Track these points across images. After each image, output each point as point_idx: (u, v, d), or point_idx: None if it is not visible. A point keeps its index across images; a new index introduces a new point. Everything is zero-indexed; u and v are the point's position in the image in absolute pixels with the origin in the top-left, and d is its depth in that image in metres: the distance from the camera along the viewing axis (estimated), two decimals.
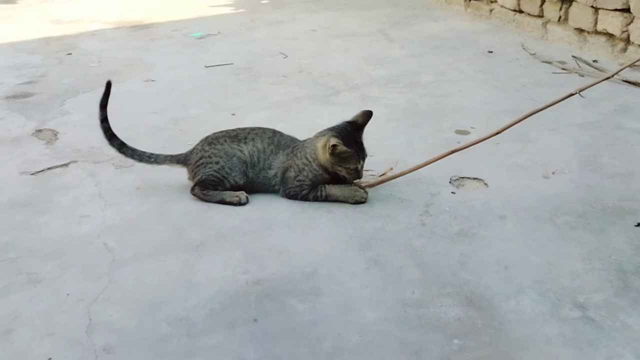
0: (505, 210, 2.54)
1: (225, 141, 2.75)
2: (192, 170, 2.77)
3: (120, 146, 2.82)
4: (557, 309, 1.96)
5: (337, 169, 2.64)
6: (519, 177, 2.81)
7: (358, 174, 2.66)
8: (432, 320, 1.95)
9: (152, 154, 2.84)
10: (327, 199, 2.66)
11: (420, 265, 2.21)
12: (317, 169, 2.67)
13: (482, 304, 2.01)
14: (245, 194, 2.69)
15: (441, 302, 2.02)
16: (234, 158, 2.71)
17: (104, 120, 2.83)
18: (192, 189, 2.75)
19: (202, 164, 2.73)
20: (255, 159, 2.73)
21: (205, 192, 2.72)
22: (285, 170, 2.71)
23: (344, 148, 2.57)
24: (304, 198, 2.68)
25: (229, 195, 2.69)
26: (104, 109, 2.83)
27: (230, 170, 2.70)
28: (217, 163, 2.70)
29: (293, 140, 2.82)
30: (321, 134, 2.70)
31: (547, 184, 2.73)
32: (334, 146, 2.57)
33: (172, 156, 2.84)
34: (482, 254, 2.26)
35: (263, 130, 2.82)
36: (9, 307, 2.07)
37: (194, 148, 2.81)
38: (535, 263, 2.19)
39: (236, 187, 2.73)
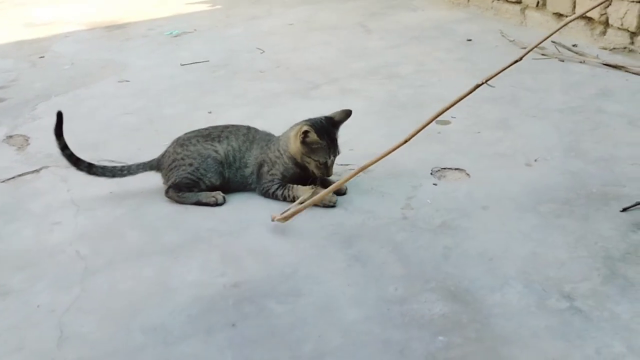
0: (488, 201, 2.48)
1: (198, 141, 2.66)
2: (166, 174, 2.68)
3: (89, 168, 2.71)
4: (543, 300, 1.91)
5: (307, 160, 2.56)
6: (500, 166, 2.76)
7: (327, 170, 2.58)
8: (415, 317, 1.89)
9: (123, 166, 2.74)
10: (294, 199, 2.53)
11: (403, 261, 2.15)
12: (287, 161, 2.60)
13: (467, 298, 1.95)
14: (222, 194, 2.62)
15: (425, 297, 1.97)
16: (209, 159, 2.63)
17: (64, 147, 2.69)
18: (167, 192, 2.67)
19: (175, 166, 2.64)
20: (231, 158, 2.66)
21: (180, 194, 2.64)
22: (260, 165, 2.64)
23: (315, 137, 2.51)
24: (274, 195, 2.60)
25: (205, 195, 2.61)
26: (60, 138, 2.69)
27: (206, 171, 2.63)
28: (190, 165, 2.62)
29: (268, 135, 2.75)
30: (296, 124, 2.63)
31: (530, 172, 2.69)
32: (305, 132, 2.50)
33: (144, 164, 2.74)
34: (465, 246, 2.20)
35: (237, 127, 2.74)
36: None
37: (165, 151, 2.72)
38: (520, 253, 2.14)
39: (212, 188, 2.65)
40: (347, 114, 2.65)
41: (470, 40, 4.55)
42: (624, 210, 2.32)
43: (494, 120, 3.22)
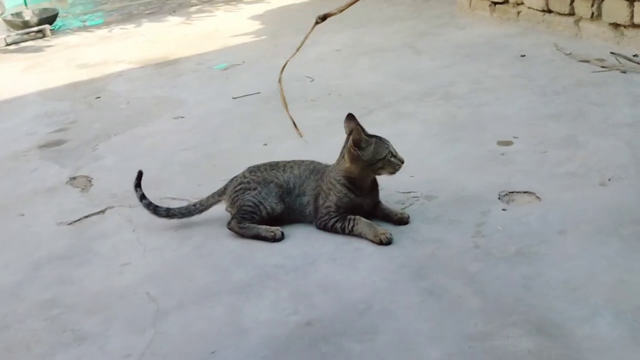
0: (565, 225, 2.38)
1: (265, 169, 2.75)
2: (230, 197, 2.74)
3: (167, 212, 2.81)
4: (637, 331, 1.80)
5: (375, 168, 2.53)
6: (573, 186, 2.65)
7: (397, 158, 2.55)
8: (500, 354, 1.80)
9: (195, 203, 2.83)
10: (353, 231, 2.50)
11: (480, 293, 2.07)
12: (340, 189, 2.56)
13: (553, 331, 1.85)
14: (280, 229, 2.60)
15: (508, 332, 1.88)
16: (271, 184, 2.69)
17: (142, 197, 2.84)
18: (229, 223, 2.68)
19: (241, 189, 2.71)
20: (291, 185, 2.69)
21: (241, 225, 2.64)
22: (316, 197, 2.63)
23: (364, 135, 2.53)
24: (333, 228, 2.56)
25: (265, 230, 2.60)
26: (138, 188, 2.85)
27: (267, 195, 2.66)
28: (254, 189, 2.68)
29: (328, 166, 2.73)
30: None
31: (606, 192, 2.56)
32: (354, 139, 2.51)
33: (213, 194, 2.82)
34: (546, 275, 2.11)
35: (303, 160, 2.81)
36: None
37: (234, 177, 2.80)
38: (606, 281, 2.03)
39: (273, 217, 2.66)
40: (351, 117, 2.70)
41: (524, 55, 4.44)
42: None
43: (561, 138, 3.10)
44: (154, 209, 2.80)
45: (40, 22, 8.59)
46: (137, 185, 2.85)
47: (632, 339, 1.78)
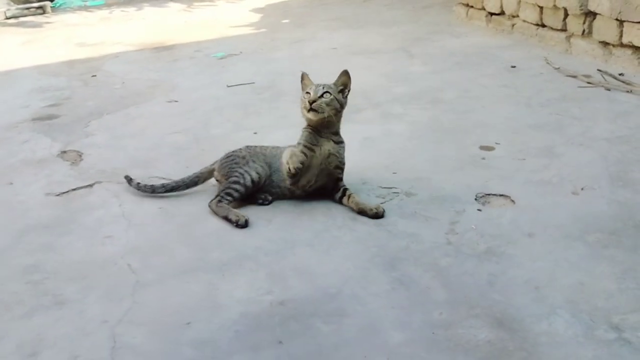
0: (534, 228, 2.48)
1: (260, 148, 3.01)
2: (222, 162, 2.93)
3: (164, 187, 2.97)
4: (591, 330, 1.90)
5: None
6: (546, 193, 2.75)
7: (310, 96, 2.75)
8: (461, 342, 1.89)
9: (194, 174, 3.01)
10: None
11: (447, 286, 2.16)
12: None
13: (513, 325, 1.95)
14: (246, 217, 2.67)
15: (470, 323, 1.97)
16: (260, 155, 2.92)
17: (138, 185, 3.00)
18: (211, 201, 2.78)
19: (232, 157, 2.93)
20: (270, 159, 2.91)
21: (219, 204, 2.75)
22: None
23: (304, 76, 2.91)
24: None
25: (234, 214, 2.69)
26: (132, 181, 3.02)
27: (254, 163, 2.86)
28: (244, 157, 2.89)
29: None
30: None
31: (577, 201, 2.67)
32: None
33: (211, 165, 3.02)
34: (511, 274, 2.20)
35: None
36: (35, 330, 2.07)
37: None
38: (567, 283, 2.13)
39: (259, 185, 2.82)
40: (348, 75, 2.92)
41: (514, 67, 4.55)
42: None
43: (540, 147, 3.21)
44: (152, 190, 2.96)
45: None
46: (129, 180, 3.03)
47: (585, 337, 1.87)
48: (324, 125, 2.77)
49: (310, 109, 2.72)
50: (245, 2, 8.22)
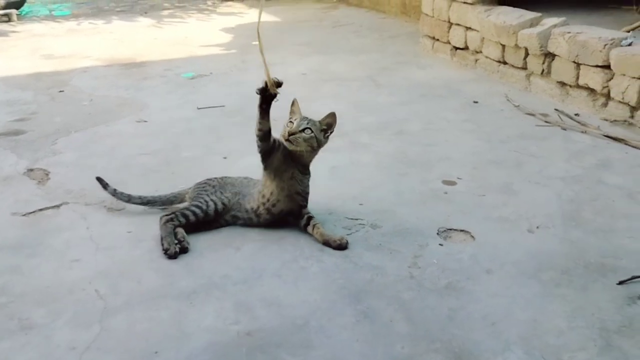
0: (492, 264, 2.60)
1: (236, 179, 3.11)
2: (195, 186, 3.05)
3: (140, 199, 3.06)
4: None
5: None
6: (504, 230, 2.89)
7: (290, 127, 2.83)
8: None
9: (171, 194, 3.11)
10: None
11: (410, 320, 2.26)
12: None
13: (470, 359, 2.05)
14: (177, 248, 2.69)
15: (430, 357, 2.06)
16: (228, 185, 3.03)
17: (114, 191, 3.08)
18: (164, 215, 2.85)
19: (203, 185, 3.03)
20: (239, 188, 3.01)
21: (166, 223, 2.80)
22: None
23: (293, 104, 2.98)
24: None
25: (169, 241, 2.72)
26: (108, 187, 3.10)
27: (221, 193, 2.96)
28: (213, 187, 3.00)
29: None
30: None
31: (532, 239, 2.81)
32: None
33: (184, 190, 3.11)
34: (469, 309, 2.31)
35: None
36: (1, 355, 2.07)
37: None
38: (522, 319, 2.25)
39: (219, 212, 2.89)
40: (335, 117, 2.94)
41: (476, 102, 4.73)
42: (621, 283, 2.43)
43: (499, 184, 3.36)
44: (128, 198, 3.04)
45: (7, 6, 8.52)
46: (105, 185, 3.10)
47: None
48: (296, 156, 2.85)
49: (288, 139, 2.78)
50: (216, 21, 8.29)
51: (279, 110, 2.92)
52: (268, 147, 2.79)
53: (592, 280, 2.47)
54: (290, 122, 2.85)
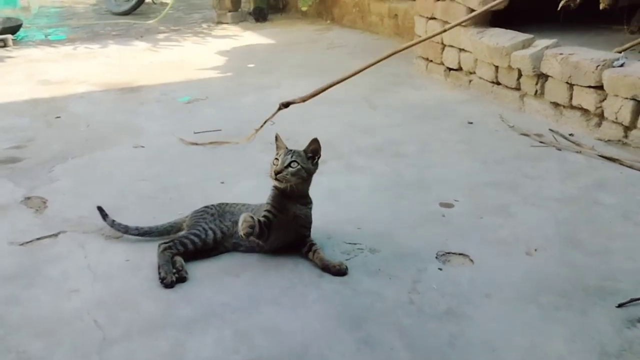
0: (491, 289, 2.60)
1: (232, 205, 3.10)
2: (192, 214, 3.04)
3: (137, 230, 3.05)
4: None
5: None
6: (502, 253, 2.89)
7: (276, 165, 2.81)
8: None
9: (167, 223, 3.09)
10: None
11: (410, 347, 2.25)
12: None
13: None
14: (174, 277, 2.68)
15: None
16: (227, 213, 3.01)
17: (112, 223, 3.08)
18: (162, 243, 2.84)
19: (202, 212, 3.03)
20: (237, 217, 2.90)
21: (164, 252, 2.79)
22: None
23: (278, 140, 2.92)
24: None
25: (166, 270, 2.71)
26: (107, 218, 3.09)
27: (221, 220, 2.96)
28: (212, 215, 3.00)
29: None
30: None
31: (530, 261, 2.81)
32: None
33: (181, 219, 3.10)
34: (470, 335, 2.31)
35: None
36: None
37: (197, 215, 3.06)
38: (522, 344, 2.24)
39: (218, 242, 2.89)
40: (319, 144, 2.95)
41: (471, 122, 4.77)
42: (620, 306, 2.43)
43: (495, 205, 3.37)
44: (125, 229, 3.04)
45: (3, 32, 8.56)
46: (104, 216, 3.10)
47: None
48: (291, 192, 2.84)
49: (276, 179, 2.79)
50: (212, 44, 8.34)
51: (274, 132, 2.94)
52: (265, 232, 2.81)
53: (592, 304, 2.48)
54: (276, 159, 2.84)
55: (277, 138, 2.94)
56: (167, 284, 2.65)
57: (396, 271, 2.76)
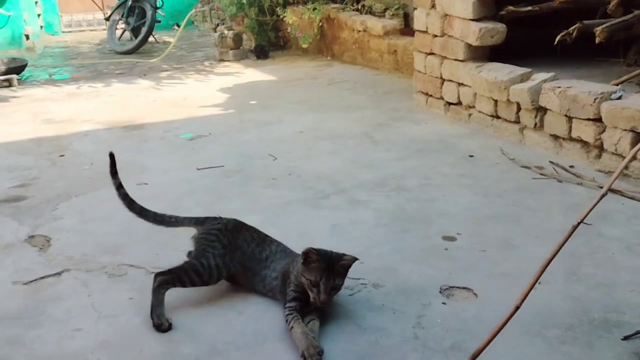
0: (496, 323, 2.54)
1: (243, 236, 2.96)
2: (200, 235, 2.96)
3: (141, 211, 3.02)
4: None
5: (302, 279, 2.60)
6: (506, 287, 2.89)
7: (319, 292, 2.55)
8: None
9: (171, 215, 3.07)
10: (291, 332, 2.51)
11: None
12: (298, 281, 2.66)
13: None
14: (168, 322, 2.64)
15: None
16: (238, 251, 2.88)
17: (119, 186, 3.03)
18: (157, 275, 2.78)
19: (209, 240, 2.89)
20: (264, 256, 2.86)
21: (160, 287, 2.73)
22: (284, 280, 2.74)
23: (316, 256, 2.57)
24: (285, 316, 2.60)
25: (158, 313, 2.66)
26: (115, 176, 3.02)
27: (228, 261, 2.84)
28: (218, 249, 2.85)
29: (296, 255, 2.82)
30: None
31: (535, 295, 2.77)
32: (306, 253, 2.60)
33: (191, 218, 3.08)
34: None
35: (273, 239, 3.01)
36: None
37: (215, 219, 3.03)
38: None
39: (221, 278, 2.84)
40: (353, 260, 2.68)
41: (472, 156, 4.80)
42: (625, 338, 2.42)
43: (498, 238, 3.37)
44: (129, 204, 3.02)
45: (8, 72, 8.68)
46: (114, 172, 3.02)
47: None
48: None
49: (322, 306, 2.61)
50: (214, 81, 8.45)
51: (276, 168, 2.96)
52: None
53: (597, 337, 2.46)
54: (314, 286, 2.57)
55: (308, 255, 2.61)
56: (164, 330, 2.61)
57: (400, 306, 2.75)
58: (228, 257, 2.85)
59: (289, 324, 2.54)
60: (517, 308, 2.08)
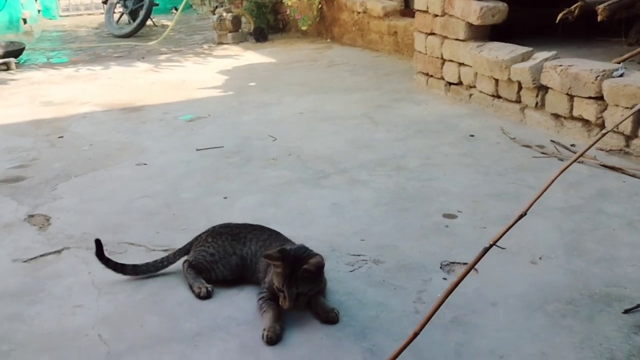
0: (497, 298, 2.59)
1: (227, 239, 2.81)
2: (192, 253, 2.85)
3: (134, 269, 2.83)
4: None
5: (272, 279, 2.53)
6: (507, 262, 2.88)
7: (284, 298, 2.43)
8: None
9: (162, 258, 2.87)
10: (262, 316, 2.48)
11: (417, 356, 2.23)
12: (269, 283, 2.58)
13: None
14: (208, 288, 2.66)
15: None
16: (232, 257, 2.76)
17: (108, 261, 2.82)
18: (183, 263, 2.82)
19: (200, 250, 2.81)
20: (248, 262, 2.76)
21: (188, 270, 2.77)
22: (265, 269, 2.67)
23: (277, 261, 2.44)
24: (258, 303, 2.56)
25: (198, 284, 2.69)
26: (103, 257, 2.81)
27: (224, 267, 2.75)
28: (212, 255, 2.77)
29: (285, 241, 2.78)
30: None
31: (535, 270, 2.80)
32: (266, 256, 2.50)
33: (179, 250, 2.90)
34: (476, 344, 2.29)
35: (262, 230, 2.85)
36: None
37: (198, 236, 2.89)
38: (530, 353, 2.23)
39: (223, 279, 2.77)
40: (318, 264, 2.48)
41: (472, 135, 4.78)
42: (626, 312, 2.42)
43: (499, 216, 3.36)
44: (122, 269, 2.82)
45: (6, 55, 8.63)
46: (100, 255, 2.80)
47: None
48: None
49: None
50: (213, 64, 8.40)
51: (276, 148, 2.94)
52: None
53: (598, 310, 2.46)
54: (279, 291, 2.46)
55: (269, 257, 2.49)
56: (202, 295, 2.64)
57: (401, 282, 2.75)
58: (221, 263, 2.77)
59: (261, 303, 2.52)
60: (416, 335, 2.00)
